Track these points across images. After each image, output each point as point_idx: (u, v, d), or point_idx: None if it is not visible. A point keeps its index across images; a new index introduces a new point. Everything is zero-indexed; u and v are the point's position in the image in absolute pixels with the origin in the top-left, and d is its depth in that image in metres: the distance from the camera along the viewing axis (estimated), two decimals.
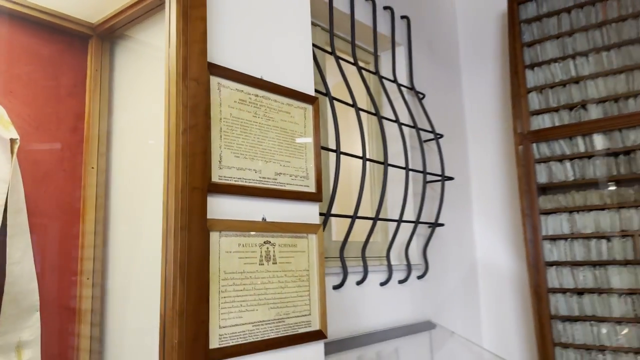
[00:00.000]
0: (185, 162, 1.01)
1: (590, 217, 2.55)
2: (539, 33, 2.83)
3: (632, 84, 2.51)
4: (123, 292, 1.24)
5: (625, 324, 2.42)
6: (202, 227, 1.04)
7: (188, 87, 1.04)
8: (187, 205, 1.00)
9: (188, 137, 1.03)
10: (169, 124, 1.03)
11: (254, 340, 1.16)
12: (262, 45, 1.32)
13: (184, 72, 1.03)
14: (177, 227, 0.99)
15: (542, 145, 2.72)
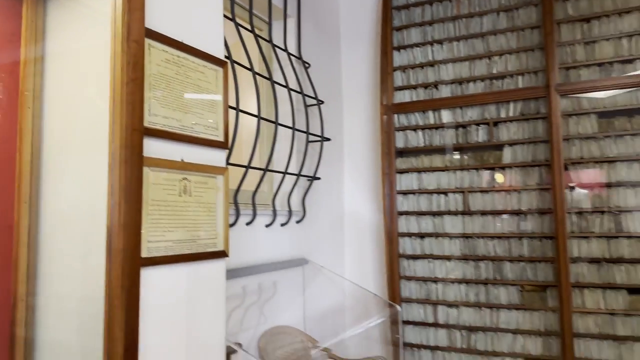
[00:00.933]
0: (128, 109, 1.27)
1: (434, 176, 3.18)
2: (406, 20, 3.34)
3: (473, 71, 3.14)
4: (58, 215, 1.45)
5: (454, 261, 3.11)
6: (140, 162, 1.31)
7: (130, 47, 1.28)
8: (129, 143, 1.26)
9: (130, 88, 1.28)
10: (114, 77, 1.27)
11: (173, 254, 1.46)
12: (184, 14, 1.57)
13: (128, 35, 1.27)
14: (121, 160, 1.25)
15: (401, 116, 3.27)
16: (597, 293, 2.73)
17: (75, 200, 1.41)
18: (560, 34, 2.89)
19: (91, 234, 1.32)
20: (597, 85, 2.77)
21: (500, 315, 2.96)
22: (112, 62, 1.28)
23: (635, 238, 2.66)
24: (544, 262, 2.87)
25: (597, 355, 2.70)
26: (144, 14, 1.33)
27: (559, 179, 2.78)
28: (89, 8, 1.43)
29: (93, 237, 1.30)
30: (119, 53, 1.27)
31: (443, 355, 3.08)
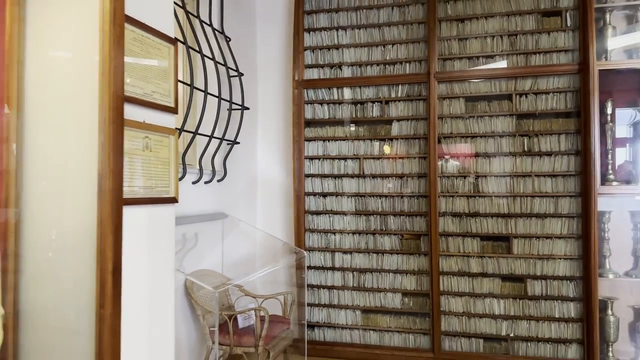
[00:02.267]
0: (115, 79, 1.60)
1: (336, 144, 3.73)
2: (316, 5, 3.79)
3: (370, 56, 3.69)
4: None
5: (350, 216, 3.71)
6: (122, 122, 1.65)
7: (115, 29, 1.61)
8: (115, 107, 1.60)
9: (115, 62, 1.61)
10: (103, 53, 1.59)
11: (140, 197, 1.83)
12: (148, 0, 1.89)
13: (114, 19, 1.60)
14: (110, 121, 1.59)
15: (310, 91, 3.76)
16: (458, 240, 3.49)
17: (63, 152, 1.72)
18: (441, 30, 3.54)
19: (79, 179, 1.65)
20: (466, 74, 3.47)
21: (384, 259, 3.63)
22: (100, 40, 1.59)
23: (488, 197, 3.44)
24: (420, 216, 3.57)
25: (456, 288, 3.48)
26: (124, 3, 1.66)
27: (433, 150, 3.47)
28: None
29: (81, 181, 1.63)
30: (107, 33, 1.59)
31: (337, 293, 3.71)
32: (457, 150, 3.53)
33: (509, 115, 3.43)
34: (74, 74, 1.74)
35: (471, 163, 3.49)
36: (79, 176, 1.69)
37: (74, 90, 1.72)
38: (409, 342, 3.55)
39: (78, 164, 1.71)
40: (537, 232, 3.35)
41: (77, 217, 1.70)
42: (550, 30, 3.36)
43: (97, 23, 1.63)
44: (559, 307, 3.29)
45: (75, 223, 1.71)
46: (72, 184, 1.73)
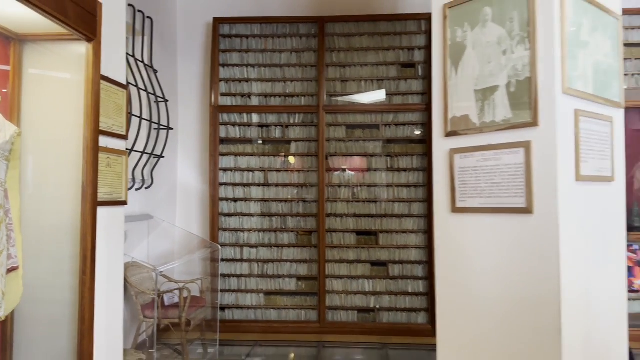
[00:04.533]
0: (94, 119, 2.37)
1: (245, 159, 4.60)
2: (229, 45, 4.65)
3: (274, 89, 4.62)
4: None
5: (256, 217, 4.59)
6: (97, 149, 2.42)
7: (94, 86, 2.38)
8: (94, 138, 2.37)
9: (94, 108, 2.38)
10: (87, 102, 2.36)
11: (104, 200, 2.58)
12: (109, 59, 2.66)
13: (93, 79, 2.37)
14: (90, 148, 2.36)
15: (224, 115, 4.60)
16: (340, 235, 4.50)
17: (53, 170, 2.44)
18: (328, 73, 4.56)
19: (67, 187, 2.39)
20: (346, 108, 4.51)
21: (283, 251, 4.55)
22: (86, 94, 2.36)
23: (362, 202, 4.49)
24: (311, 217, 4.54)
25: (337, 272, 4.48)
26: (100, 66, 2.44)
27: (322, 165, 4.46)
28: (61, 56, 2.45)
29: (69, 188, 2.38)
30: (89, 89, 2.36)
31: (245, 280, 4.56)
32: (340, 165, 4.55)
33: (378, 140, 4.52)
34: (64, 115, 2.49)
35: (350, 176, 4.52)
36: (67, 184, 2.43)
37: (64, 127, 2.47)
38: (302, 316, 4.50)
39: (67, 177, 2.45)
40: (396, 228, 4.45)
41: (65, 212, 2.45)
42: (406, 77, 4.50)
43: (82, 84, 2.40)
44: (412, 284, 4.42)
45: (65, 217, 2.45)
46: (63, 190, 2.47)
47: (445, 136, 2.36)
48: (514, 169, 2.10)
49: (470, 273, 2.27)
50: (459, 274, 2.32)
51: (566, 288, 1.98)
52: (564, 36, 2.00)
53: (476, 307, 2.24)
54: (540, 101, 2.01)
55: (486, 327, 2.19)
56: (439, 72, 2.39)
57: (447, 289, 2.38)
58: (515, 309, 2.09)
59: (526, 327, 2.05)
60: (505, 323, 2.12)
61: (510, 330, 2.10)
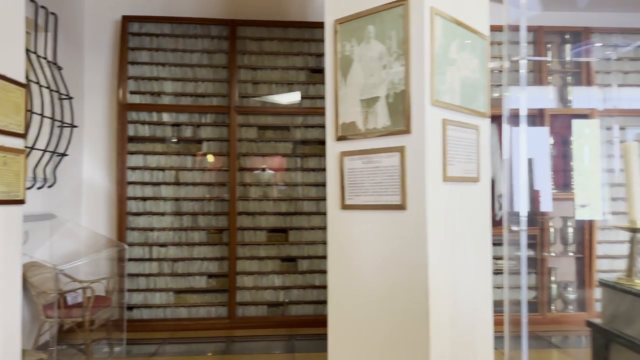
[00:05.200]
0: None
1: (155, 158, 4.61)
2: (139, 43, 4.63)
3: (185, 89, 4.66)
4: None
5: (167, 216, 4.61)
6: None
7: None
8: None
9: None
10: None
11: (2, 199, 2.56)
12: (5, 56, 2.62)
13: None
14: None
15: (133, 113, 4.58)
16: (251, 232, 4.65)
17: None
18: (240, 75, 4.68)
19: None
20: (257, 110, 4.65)
21: (194, 250, 4.61)
22: None
23: (272, 200, 4.66)
24: (223, 215, 4.64)
25: (248, 269, 4.62)
26: None
27: (233, 165, 4.58)
28: None
29: None
30: None
31: (154, 279, 4.57)
32: (251, 165, 4.69)
33: (288, 141, 4.71)
34: None
35: (261, 175, 4.68)
36: None
37: None
38: (212, 313, 4.59)
39: None
40: (305, 225, 4.67)
41: None
42: (315, 82, 4.73)
43: None
44: (319, 277, 4.65)
45: None
46: None
47: (337, 140, 2.59)
48: (391, 170, 2.36)
49: (356, 263, 2.51)
50: (347, 265, 2.55)
51: (433, 275, 2.26)
52: (434, 54, 2.29)
53: (360, 293, 2.48)
54: (412, 111, 2.28)
55: (368, 311, 2.44)
56: (331, 81, 2.61)
57: (337, 279, 2.61)
58: (392, 294, 2.35)
59: (400, 309, 2.32)
60: (383, 306, 2.38)
61: (387, 313, 2.36)
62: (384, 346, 2.38)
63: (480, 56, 2.64)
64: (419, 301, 2.26)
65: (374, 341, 2.43)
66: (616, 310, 1.36)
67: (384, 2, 2.36)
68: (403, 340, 2.31)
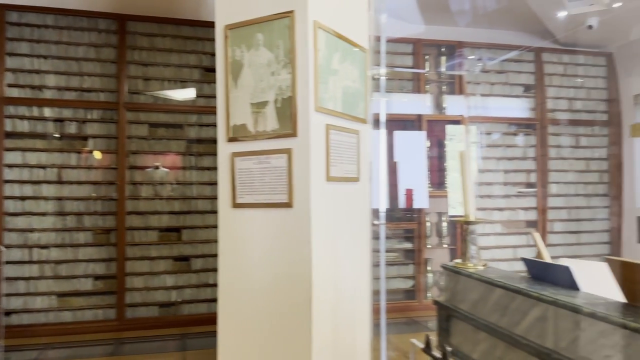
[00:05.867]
0: None
1: (36, 154, 4.35)
2: (18, 34, 4.34)
3: (69, 83, 4.45)
4: None
5: (48, 216, 4.37)
6: None
7: None
8: None
9: None
10: None
11: None
12: None
13: None
14: None
15: (11, 107, 4.28)
16: (142, 232, 4.56)
17: None
18: (130, 70, 4.57)
19: None
20: (149, 107, 4.58)
21: (79, 251, 4.43)
22: None
23: (165, 199, 4.62)
24: (111, 215, 4.51)
25: (139, 270, 4.54)
26: None
27: (123, 162, 4.47)
28: None
29: None
30: None
31: (35, 283, 4.32)
32: (143, 163, 4.60)
33: (182, 139, 4.70)
34: None
35: (153, 173, 4.61)
36: None
37: None
38: (99, 315, 4.44)
39: None
40: (200, 224, 4.69)
41: None
42: (210, 81, 4.76)
43: None
44: (212, 276, 4.70)
45: None
46: None
47: (228, 141, 2.70)
48: (279, 170, 2.52)
49: (247, 259, 2.64)
50: (238, 261, 2.67)
51: (317, 267, 2.47)
52: (317, 64, 2.49)
53: (251, 288, 2.62)
54: (298, 116, 2.46)
55: (256, 305, 2.59)
56: (222, 84, 2.71)
57: (227, 275, 2.72)
58: (278, 287, 2.52)
59: (286, 301, 2.49)
60: (270, 299, 2.54)
61: (274, 305, 2.53)
62: (270, 336, 2.54)
63: (360, 67, 2.90)
64: (303, 292, 2.45)
65: (261, 332, 2.58)
66: (454, 289, 1.63)
67: (272, 12, 2.52)
68: (288, 329, 2.49)
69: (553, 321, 1.12)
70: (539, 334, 1.19)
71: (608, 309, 1.02)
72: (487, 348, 1.42)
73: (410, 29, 5.25)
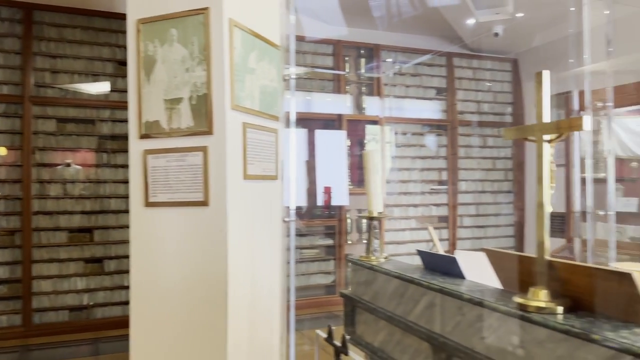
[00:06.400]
0: None
1: None
2: None
3: None
4: None
5: None
6: None
7: None
8: None
9: None
10: None
11: None
12: None
13: None
14: None
15: None
16: (49, 233, 4.32)
17: None
18: (36, 62, 4.30)
19: None
20: (58, 101, 4.34)
21: None
22: None
23: (76, 198, 4.40)
24: (15, 215, 4.22)
25: (47, 273, 4.29)
26: None
27: (28, 159, 4.20)
28: None
29: None
30: None
31: None
32: (52, 160, 4.35)
33: (93, 135, 4.49)
34: None
35: (63, 171, 4.37)
36: None
37: None
38: (3, 322, 4.15)
39: None
40: (113, 224, 4.52)
41: None
42: (124, 75, 4.58)
43: None
44: (127, 277, 4.53)
45: None
46: None
47: (140, 138, 2.62)
48: (195, 168, 2.49)
49: (161, 259, 2.59)
50: (152, 262, 2.62)
51: (233, 265, 2.47)
52: (233, 62, 2.49)
53: (166, 288, 2.57)
54: (214, 114, 2.45)
55: (173, 305, 2.55)
56: (134, 79, 2.64)
57: (141, 277, 2.65)
58: (194, 286, 2.50)
59: (203, 299, 2.48)
60: (186, 299, 2.51)
61: (189, 305, 2.50)
62: (186, 337, 2.52)
63: (278, 67, 2.93)
64: (218, 291, 2.45)
65: (175, 334, 2.55)
66: (358, 281, 1.72)
67: (186, 8, 2.49)
68: (203, 329, 2.48)
69: (440, 308, 1.23)
70: (428, 320, 1.29)
71: (484, 294, 1.13)
72: (386, 335, 1.51)
73: (331, 31, 5.37)
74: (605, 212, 2.38)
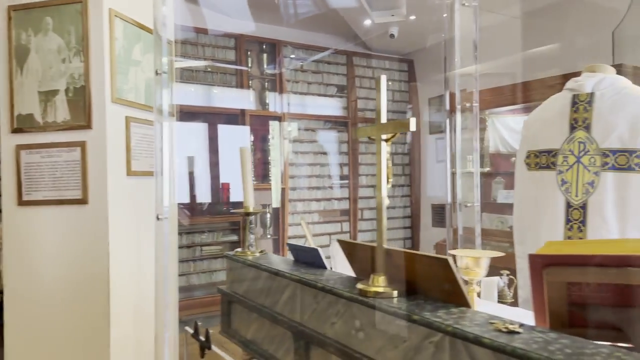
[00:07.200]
0: None
1: None
2: None
3: None
4: None
5: None
6: None
7: None
8: None
9: None
10: None
11: None
12: None
13: None
14: None
15: None
16: None
17: None
18: None
19: None
20: None
21: None
22: None
23: None
24: None
25: None
26: None
27: None
28: None
29: None
30: None
31: None
32: None
33: None
34: None
35: None
36: None
37: None
38: None
39: None
40: None
41: None
42: None
43: None
44: None
45: None
46: None
47: (12, 132, 2.45)
48: (72, 165, 2.38)
49: (38, 260, 2.44)
50: (28, 263, 2.46)
51: (116, 265, 2.39)
52: (114, 54, 2.40)
53: (43, 290, 2.43)
54: (93, 107, 2.35)
55: (51, 309, 2.41)
56: (5, 70, 2.45)
57: (15, 281, 2.48)
58: (75, 287, 2.39)
59: (84, 300, 2.38)
60: (67, 300, 2.39)
61: (71, 305, 2.39)
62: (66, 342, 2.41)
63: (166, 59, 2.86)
64: (100, 291, 2.36)
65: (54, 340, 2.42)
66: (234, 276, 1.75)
67: None
68: (84, 332, 2.38)
69: (300, 297, 1.28)
70: (291, 310, 1.34)
71: (335, 283, 1.20)
72: (257, 327, 1.55)
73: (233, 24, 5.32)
74: (472, 203, 2.60)
